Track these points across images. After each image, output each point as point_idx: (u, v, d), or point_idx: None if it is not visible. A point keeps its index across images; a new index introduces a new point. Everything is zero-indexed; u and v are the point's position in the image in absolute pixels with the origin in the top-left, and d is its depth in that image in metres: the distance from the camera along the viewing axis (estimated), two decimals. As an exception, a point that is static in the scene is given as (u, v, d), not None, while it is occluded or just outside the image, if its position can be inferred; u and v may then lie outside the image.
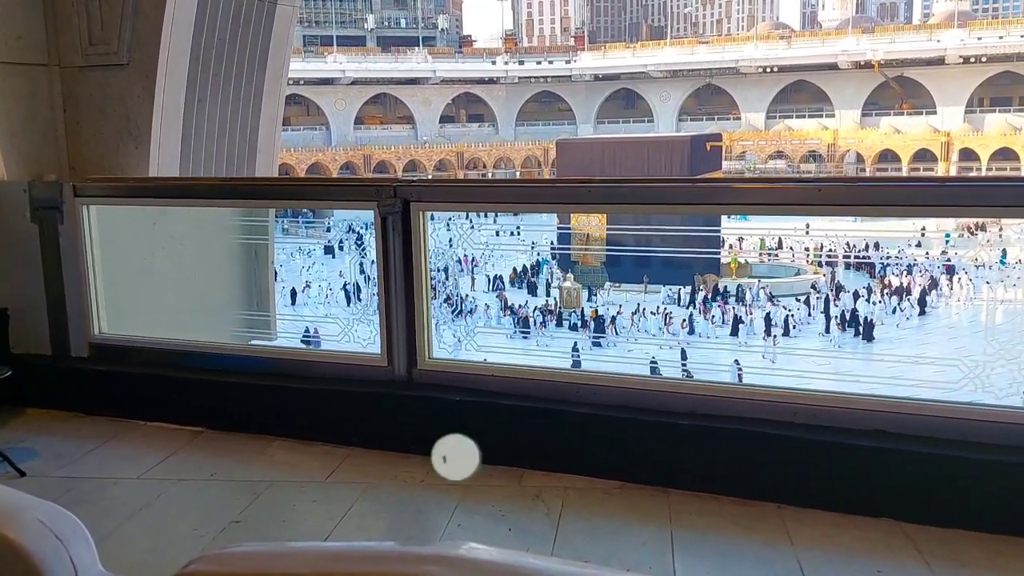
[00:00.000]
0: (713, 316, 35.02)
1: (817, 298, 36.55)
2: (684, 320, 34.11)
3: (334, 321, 4.92)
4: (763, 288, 37.57)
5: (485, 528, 3.54)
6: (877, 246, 39.51)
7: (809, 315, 34.89)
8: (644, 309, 34.65)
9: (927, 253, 40.45)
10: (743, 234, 34.52)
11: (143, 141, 5.25)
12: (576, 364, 18.86)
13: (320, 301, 34.67)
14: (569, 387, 4.04)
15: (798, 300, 36.10)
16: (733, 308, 35.61)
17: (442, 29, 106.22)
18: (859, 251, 37.38)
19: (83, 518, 1.30)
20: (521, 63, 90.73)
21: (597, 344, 30.03)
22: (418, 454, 4.09)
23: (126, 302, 5.16)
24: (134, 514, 3.72)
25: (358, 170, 77.28)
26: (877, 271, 39.55)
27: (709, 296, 37.22)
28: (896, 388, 3.70)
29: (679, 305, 36.34)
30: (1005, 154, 73.06)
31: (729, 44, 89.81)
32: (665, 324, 33.76)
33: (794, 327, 33.15)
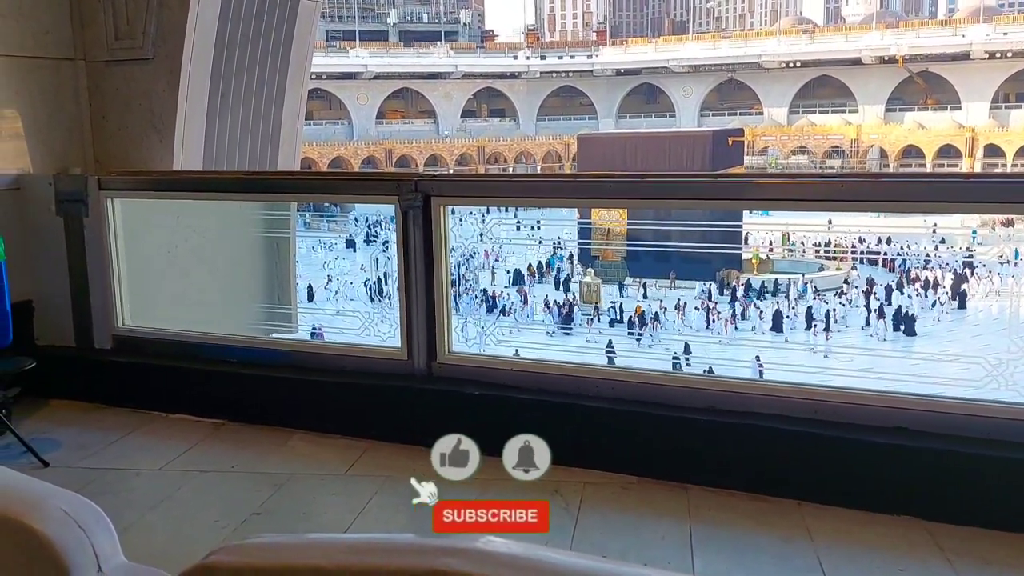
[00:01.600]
0: (760, 312, 34.82)
1: (844, 293, 36.44)
2: (730, 316, 33.93)
3: (355, 315, 4.93)
4: (809, 283, 37.38)
5: (503, 522, 3.53)
6: (889, 241, 39.25)
7: (835, 311, 34.74)
8: (685, 305, 34.56)
9: (950, 248, 40.03)
10: (765, 229, 34.34)
11: (167, 135, 5.30)
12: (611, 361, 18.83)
13: (334, 297, 34.70)
14: (588, 382, 4.04)
15: (833, 295, 36.03)
16: (777, 303, 35.47)
17: (464, 24, 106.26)
18: (888, 247, 37.16)
19: (105, 509, 1.32)
20: (543, 58, 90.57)
21: (639, 340, 29.96)
22: (437, 448, 4.09)
23: (149, 295, 5.20)
24: (156, 505, 3.75)
25: (380, 164, 77.50)
26: (899, 266, 39.29)
27: (741, 289, 37.07)
28: (918, 385, 3.67)
29: (710, 300, 36.20)
30: (1031, 150, 72.17)
31: (752, 39, 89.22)
32: (709, 320, 33.60)
33: (835, 321, 33.02)
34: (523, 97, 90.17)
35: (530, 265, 42.57)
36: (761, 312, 34.39)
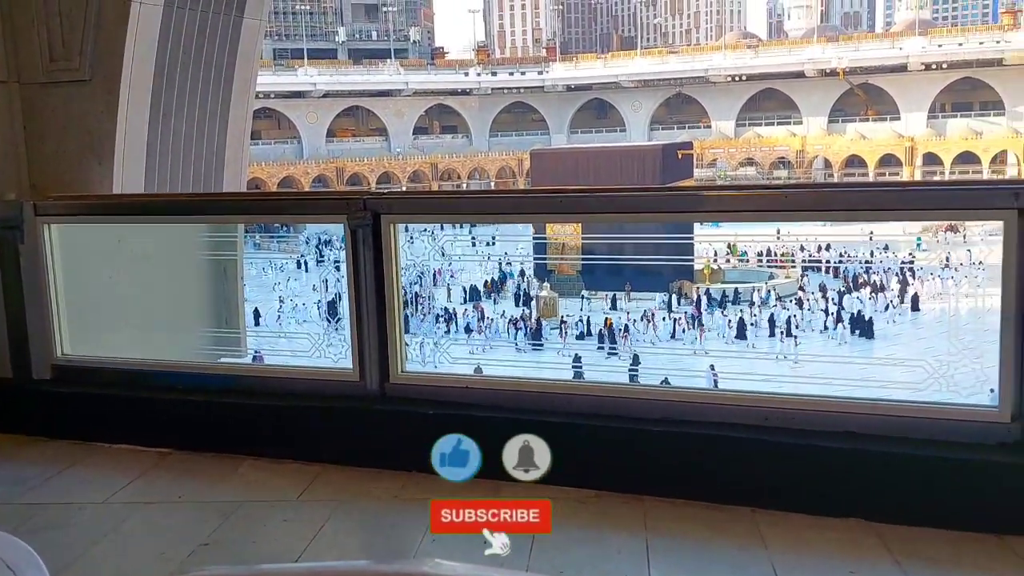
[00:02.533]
0: (730, 321, 35.32)
1: (801, 301, 37.14)
2: (698, 325, 34.28)
3: (306, 336, 4.86)
4: (773, 290, 38.07)
5: (461, 543, 3.49)
6: (828, 247, 40.10)
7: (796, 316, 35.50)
8: (654, 315, 34.84)
9: (893, 255, 40.98)
10: (715, 240, 34.85)
11: (106, 158, 5.19)
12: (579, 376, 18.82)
13: (285, 319, 34.29)
14: (543, 397, 4.03)
15: (791, 302, 36.76)
16: (741, 311, 36.07)
17: (414, 41, 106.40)
18: (828, 254, 37.93)
19: (47, 545, 1.27)
20: (494, 74, 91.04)
21: (614, 354, 30.07)
22: (392, 469, 4.05)
23: (90, 322, 5.08)
24: (100, 540, 3.65)
25: (331, 183, 77.11)
26: (843, 273, 40.16)
27: (705, 299, 37.60)
28: (865, 390, 3.72)
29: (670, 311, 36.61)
30: (967, 158, 74.24)
31: (698, 54, 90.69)
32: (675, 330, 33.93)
33: (796, 327, 33.67)
34: (475, 113, 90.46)
35: (487, 281, 42.60)
36: (730, 321, 34.89)
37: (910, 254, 39.78)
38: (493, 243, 36.28)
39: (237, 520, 3.77)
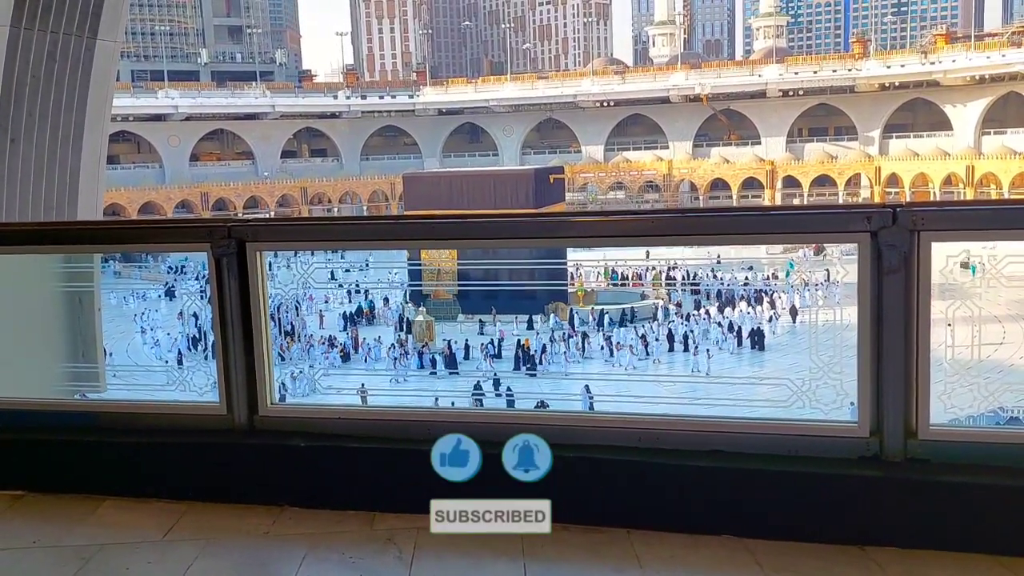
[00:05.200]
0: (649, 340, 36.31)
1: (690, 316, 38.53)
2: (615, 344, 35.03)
3: (168, 369, 4.67)
4: (677, 309, 39.39)
5: (335, 578, 3.42)
6: (676, 267, 41.91)
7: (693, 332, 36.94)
8: (575, 336, 35.32)
9: (756, 275, 42.99)
10: (589, 263, 35.72)
11: (-52, 185, 4.87)
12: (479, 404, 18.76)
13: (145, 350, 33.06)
14: (416, 425, 3.99)
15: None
16: (637, 328, 37.32)
17: (280, 64, 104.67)
18: (705, 277, 39.57)
19: None
20: (364, 97, 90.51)
21: (532, 374, 30.23)
22: (262, 504, 3.93)
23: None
24: (-57, 592, 3.39)
25: (195, 208, 74.78)
26: (707, 291, 42.02)
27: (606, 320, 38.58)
28: (732, 408, 3.85)
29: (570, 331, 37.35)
30: (824, 180, 78.51)
31: (567, 79, 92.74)
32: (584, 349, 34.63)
33: (694, 343, 35.01)
34: (345, 137, 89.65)
35: (369, 307, 42.12)
36: (649, 340, 35.83)
37: (774, 275, 41.75)
38: (367, 268, 35.98)
39: (97, 564, 3.56)
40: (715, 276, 43.79)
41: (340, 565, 3.49)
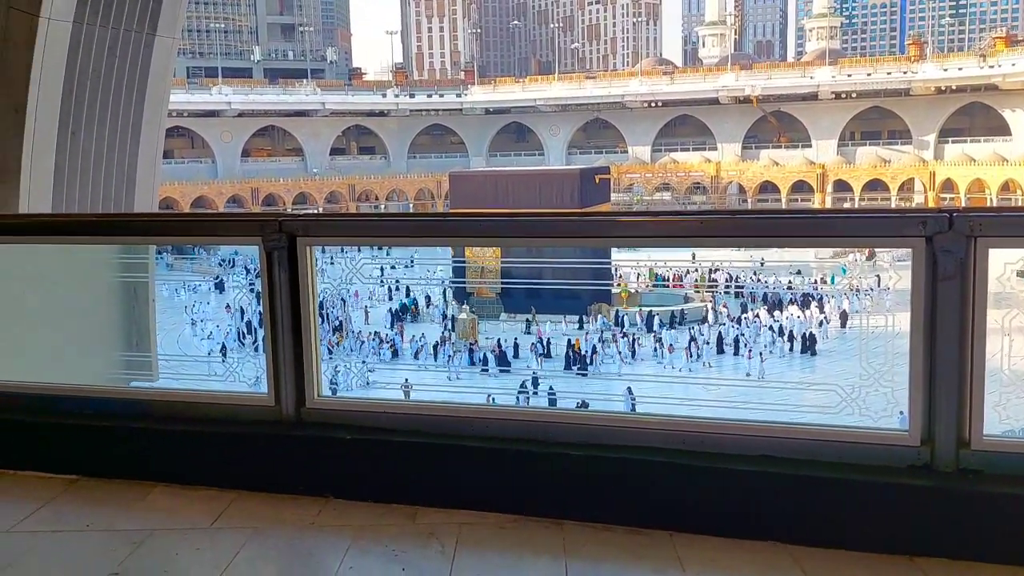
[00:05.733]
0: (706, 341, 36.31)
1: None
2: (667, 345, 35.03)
3: (220, 361, 4.76)
4: (724, 311, 39.31)
5: (378, 569, 3.46)
6: (717, 270, 41.58)
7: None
8: (629, 337, 35.35)
9: (804, 279, 42.50)
10: (626, 263, 35.65)
11: (11, 177, 5.00)
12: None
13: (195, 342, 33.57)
14: (463, 421, 4.01)
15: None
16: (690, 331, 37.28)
17: (331, 61, 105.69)
18: (748, 280, 39.31)
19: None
20: (412, 96, 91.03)
21: (583, 374, 30.33)
22: (308, 495, 3.99)
23: (-7, 345, 4.87)
24: (4, 569, 3.49)
25: (245, 203, 75.85)
26: (752, 294, 41.68)
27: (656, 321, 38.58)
28: (780, 413, 3.81)
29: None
30: (876, 185, 77.20)
31: (615, 79, 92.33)
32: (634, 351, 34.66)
33: (744, 346, 34.88)
34: (393, 135, 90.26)
35: (414, 304, 42.39)
36: (699, 342, 35.71)
37: (822, 279, 41.24)
38: (412, 265, 36.23)
39: (148, 549, 3.64)
40: (758, 279, 43.35)
41: (383, 558, 3.53)
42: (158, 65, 5.75)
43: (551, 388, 26.07)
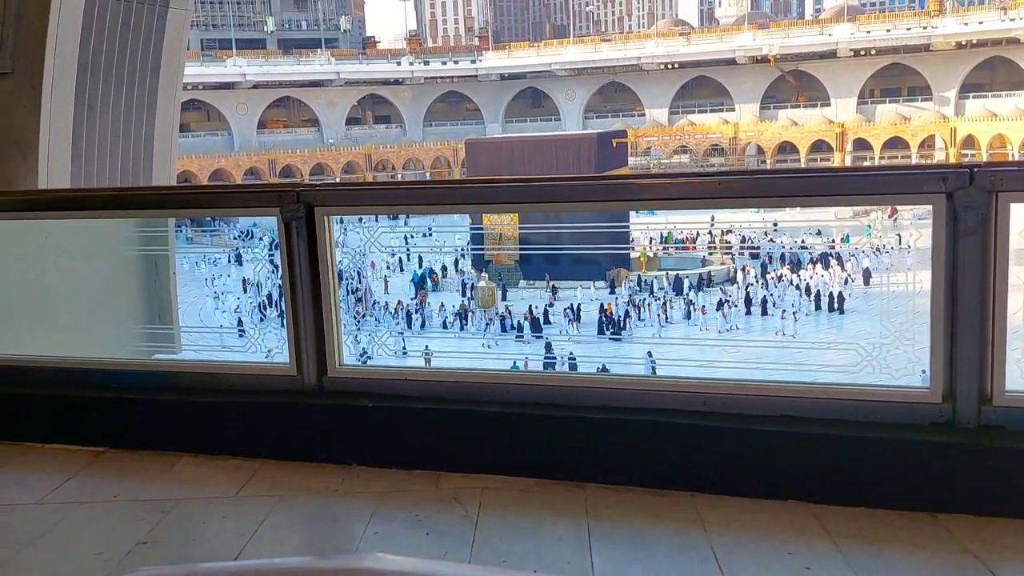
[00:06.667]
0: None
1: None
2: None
3: (241, 332, 4.79)
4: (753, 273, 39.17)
5: (403, 534, 3.50)
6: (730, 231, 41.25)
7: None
8: (666, 303, 35.31)
9: (824, 240, 42.16)
10: (637, 227, 35.51)
11: (30, 152, 5.03)
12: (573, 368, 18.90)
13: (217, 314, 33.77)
14: (482, 387, 4.04)
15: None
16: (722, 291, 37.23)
17: (344, 31, 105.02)
18: (732, 237, 39.13)
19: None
20: (426, 63, 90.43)
21: (617, 339, 30.42)
22: (331, 463, 4.03)
23: (16, 320, 4.93)
24: (33, 541, 3.55)
25: (263, 175, 75.95)
26: (766, 255, 41.45)
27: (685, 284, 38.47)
28: (800, 373, 3.80)
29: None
30: (896, 143, 76.21)
31: (631, 42, 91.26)
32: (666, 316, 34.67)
33: (773, 305, 34.82)
34: (409, 103, 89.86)
35: (434, 273, 42.41)
36: (735, 303, 35.69)
37: (841, 239, 40.92)
38: (430, 234, 36.20)
39: (175, 518, 3.70)
40: (771, 240, 43.00)
41: (407, 523, 3.57)
42: (172, 37, 5.74)
43: (572, 354, 26.04)
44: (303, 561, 1.20)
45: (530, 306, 35.36)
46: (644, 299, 36.35)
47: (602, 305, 35.12)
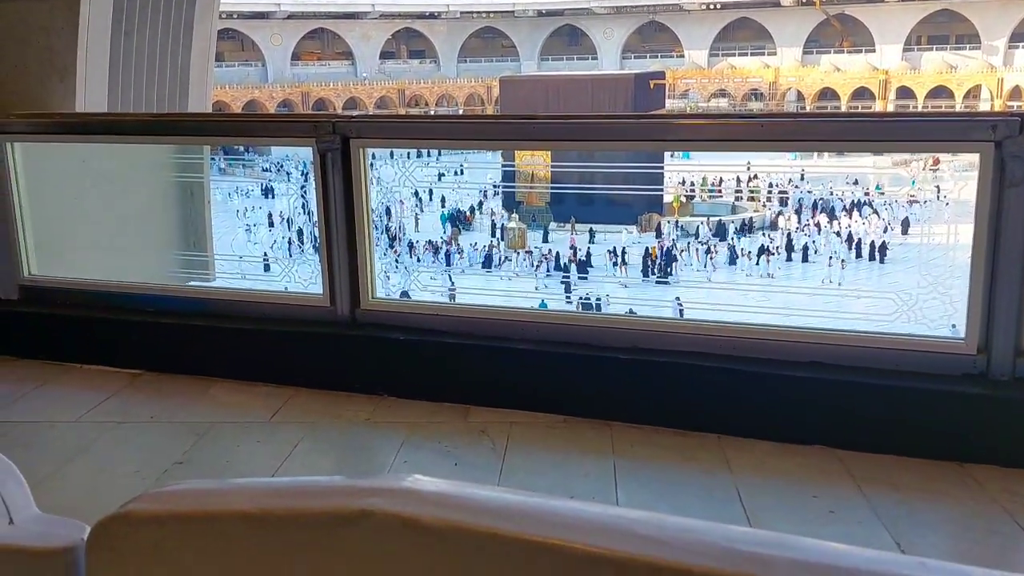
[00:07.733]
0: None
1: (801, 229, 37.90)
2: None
3: (276, 261, 4.84)
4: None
5: (431, 463, 3.56)
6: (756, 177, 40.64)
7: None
8: (711, 248, 35.07)
9: (862, 189, 41.46)
10: (685, 172, 34.88)
11: (68, 75, 5.04)
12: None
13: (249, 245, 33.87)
14: (512, 324, 4.06)
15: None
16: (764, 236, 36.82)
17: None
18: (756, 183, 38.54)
19: (18, 462, 1.27)
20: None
21: (664, 282, 30.33)
22: (362, 393, 4.09)
23: (57, 243, 5.00)
24: (72, 457, 3.66)
25: (296, 107, 75.67)
26: (797, 203, 40.81)
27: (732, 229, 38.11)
28: (833, 320, 3.78)
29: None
30: (940, 92, 74.33)
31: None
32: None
33: (815, 252, 34.52)
34: (444, 38, 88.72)
35: (468, 210, 42.22)
36: (777, 249, 35.42)
37: (876, 189, 40.24)
38: (461, 172, 36.03)
39: (210, 440, 3.79)
40: (796, 187, 42.27)
41: (436, 452, 3.63)
42: (209, -37, 5.70)
43: (598, 297, 25.94)
44: (341, 480, 1.21)
45: (574, 248, 35.03)
46: (689, 243, 35.96)
47: (647, 248, 34.78)
